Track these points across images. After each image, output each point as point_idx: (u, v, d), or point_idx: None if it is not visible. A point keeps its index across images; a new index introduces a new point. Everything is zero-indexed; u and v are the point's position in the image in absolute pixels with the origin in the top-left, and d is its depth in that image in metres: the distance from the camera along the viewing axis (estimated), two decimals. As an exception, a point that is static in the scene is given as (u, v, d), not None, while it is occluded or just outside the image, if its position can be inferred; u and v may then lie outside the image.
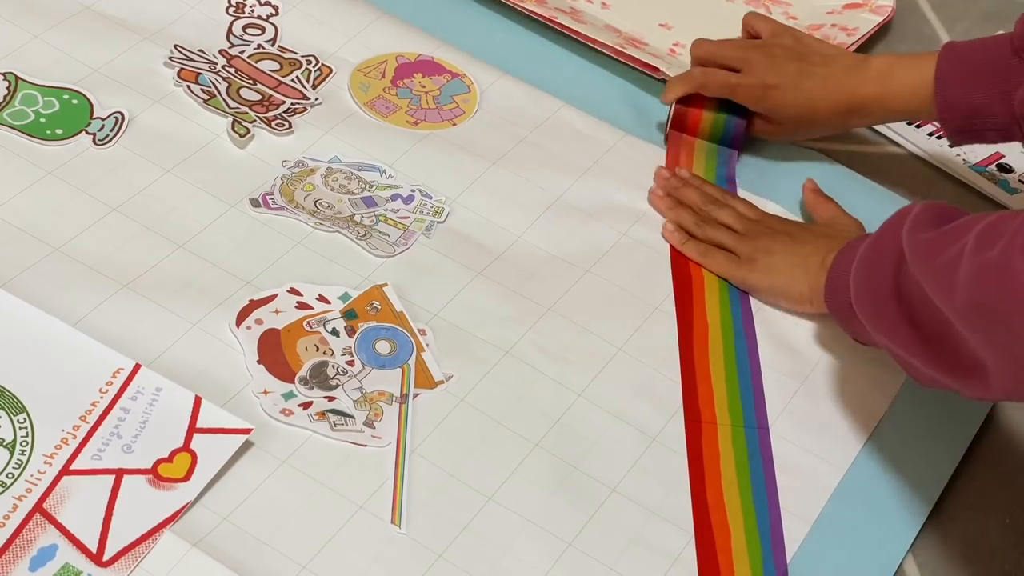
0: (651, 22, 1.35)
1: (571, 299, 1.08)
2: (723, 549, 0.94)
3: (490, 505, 0.94)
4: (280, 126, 1.15)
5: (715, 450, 1.00)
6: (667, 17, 1.36)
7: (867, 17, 1.36)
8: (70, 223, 1.05)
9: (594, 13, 1.34)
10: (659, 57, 1.29)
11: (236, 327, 1.00)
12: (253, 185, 1.11)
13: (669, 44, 1.33)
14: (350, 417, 0.96)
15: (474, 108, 1.20)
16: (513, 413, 0.99)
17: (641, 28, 1.34)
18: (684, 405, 1.02)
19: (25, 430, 0.91)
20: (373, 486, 0.93)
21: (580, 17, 1.32)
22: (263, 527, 0.90)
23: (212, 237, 1.06)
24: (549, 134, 1.20)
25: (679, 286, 1.10)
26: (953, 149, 1.27)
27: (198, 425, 0.93)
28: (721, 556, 0.94)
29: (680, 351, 1.06)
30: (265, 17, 1.24)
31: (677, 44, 1.33)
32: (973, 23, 1.42)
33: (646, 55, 1.28)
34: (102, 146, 1.11)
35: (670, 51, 1.32)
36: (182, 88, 1.16)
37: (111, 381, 0.94)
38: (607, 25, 1.33)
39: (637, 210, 1.16)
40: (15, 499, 0.88)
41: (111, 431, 0.92)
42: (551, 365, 1.03)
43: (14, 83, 1.13)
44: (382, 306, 1.03)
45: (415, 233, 1.10)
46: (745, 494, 0.97)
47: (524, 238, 1.11)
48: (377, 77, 1.21)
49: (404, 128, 1.17)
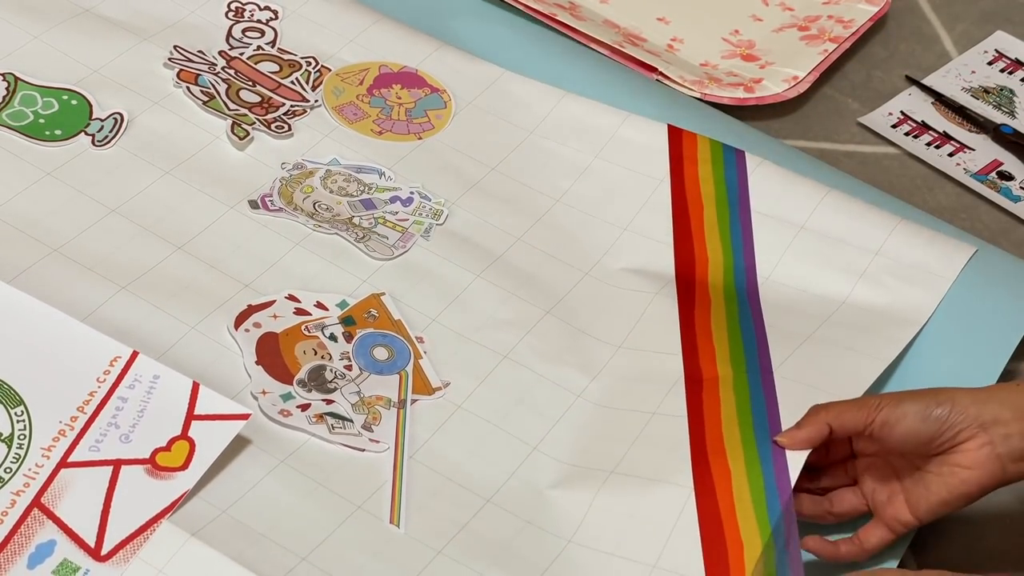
0: (649, 16, 1.35)
1: (570, 301, 1.07)
2: (723, 492, 0.92)
3: (488, 507, 0.94)
4: (279, 128, 1.15)
5: (716, 400, 0.98)
6: (665, 11, 1.36)
7: (863, 8, 1.36)
8: (69, 224, 1.05)
9: (593, 8, 1.35)
10: (657, 55, 1.29)
11: (235, 329, 1.00)
12: (252, 187, 1.10)
13: (667, 39, 1.33)
14: (348, 421, 0.96)
15: (445, 124, 1.19)
16: (511, 416, 0.99)
17: (639, 23, 1.34)
18: (684, 367, 1.01)
19: (23, 423, 0.91)
20: (371, 488, 0.93)
21: (579, 13, 1.32)
22: (262, 520, 0.90)
23: (211, 239, 1.06)
24: (550, 132, 1.19)
25: (681, 272, 1.09)
26: (952, 157, 1.27)
27: (196, 412, 0.92)
28: (722, 499, 0.92)
29: (680, 323, 1.04)
30: (265, 21, 1.24)
31: (675, 39, 1.33)
32: (973, 23, 1.42)
33: (644, 53, 1.28)
34: (101, 147, 1.11)
35: (668, 47, 1.32)
36: (181, 89, 1.16)
37: (108, 370, 0.94)
38: (606, 20, 1.33)
39: (639, 200, 1.14)
40: (13, 494, 0.87)
41: (109, 421, 0.91)
42: (550, 368, 1.02)
43: (13, 83, 1.13)
44: (380, 314, 1.03)
45: (414, 235, 1.10)
46: (746, 432, 0.95)
47: (524, 240, 1.11)
48: (354, 84, 1.20)
49: (367, 137, 1.16)
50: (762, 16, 1.38)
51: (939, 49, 1.39)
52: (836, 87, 1.33)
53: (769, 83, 1.28)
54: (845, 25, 1.34)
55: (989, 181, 1.26)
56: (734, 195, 1.15)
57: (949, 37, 1.40)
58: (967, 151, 1.29)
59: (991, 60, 1.38)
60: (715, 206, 1.14)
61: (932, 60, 1.37)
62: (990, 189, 1.25)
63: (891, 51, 1.37)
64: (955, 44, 1.40)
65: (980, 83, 1.36)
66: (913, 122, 1.31)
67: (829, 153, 1.26)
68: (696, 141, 1.18)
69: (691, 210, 1.14)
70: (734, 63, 1.32)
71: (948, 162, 1.27)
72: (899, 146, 1.28)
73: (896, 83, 1.34)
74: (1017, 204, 1.24)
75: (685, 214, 1.14)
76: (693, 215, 1.14)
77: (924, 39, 1.39)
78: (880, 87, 1.33)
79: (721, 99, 1.26)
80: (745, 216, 1.13)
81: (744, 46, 1.34)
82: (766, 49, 1.33)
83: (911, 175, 1.26)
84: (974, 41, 1.40)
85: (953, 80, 1.35)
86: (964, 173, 1.26)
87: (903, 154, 1.28)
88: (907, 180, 1.25)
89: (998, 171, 1.27)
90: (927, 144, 1.28)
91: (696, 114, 1.23)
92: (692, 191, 1.15)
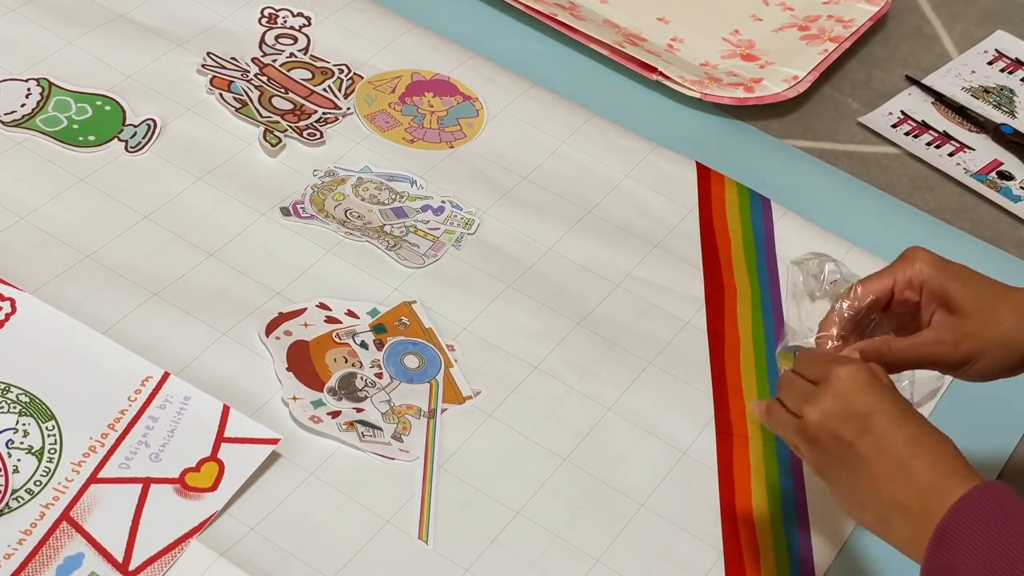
0: (649, 16, 1.35)
1: (601, 313, 1.07)
2: (752, 570, 0.93)
3: (518, 520, 0.94)
4: (311, 136, 1.15)
5: (746, 465, 0.99)
6: (665, 11, 1.36)
7: (863, 8, 1.36)
8: (101, 230, 1.05)
9: (593, 8, 1.34)
10: (657, 55, 1.29)
11: (266, 337, 1.00)
12: (284, 194, 1.11)
13: (667, 39, 1.33)
14: (378, 429, 0.96)
15: (477, 132, 1.19)
16: (542, 428, 0.99)
17: (639, 23, 1.34)
18: (715, 417, 1.02)
19: (53, 437, 0.91)
20: (400, 500, 0.93)
21: (579, 13, 1.32)
22: (290, 538, 0.90)
23: (242, 246, 1.06)
24: (581, 146, 1.20)
25: (711, 298, 1.10)
26: (952, 157, 1.27)
27: (226, 435, 0.93)
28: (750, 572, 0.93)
29: (711, 364, 1.05)
30: (298, 28, 1.24)
31: (675, 39, 1.33)
32: (973, 23, 1.41)
33: (644, 53, 1.28)
34: (134, 153, 1.11)
35: (668, 47, 1.32)
36: (214, 96, 1.16)
37: (140, 389, 0.94)
38: (606, 20, 1.33)
39: (668, 223, 1.15)
40: (42, 507, 0.88)
41: (139, 439, 0.92)
42: (580, 380, 1.02)
43: (48, 89, 1.14)
44: (411, 322, 1.03)
45: (445, 245, 1.09)
46: (775, 512, 0.97)
47: (555, 250, 1.11)
48: (387, 91, 1.20)
49: (399, 145, 1.16)
50: (762, 16, 1.37)
51: (939, 49, 1.38)
52: (836, 87, 1.32)
53: (769, 83, 1.27)
54: (845, 25, 1.34)
55: (989, 181, 1.25)
56: (760, 238, 1.16)
57: (949, 37, 1.39)
58: (967, 151, 1.28)
59: (991, 60, 1.38)
60: (742, 245, 1.15)
61: (932, 60, 1.37)
62: (990, 189, 1.24)
63: (891, 51, 1.37)
64: (955, 44, 1.39)
65: (980, 83, 1.35)
66: (913, 122, 1.30)
67: (829, 153, 1.25)
68: (724, 183, 1.19)
69: (719, 244, 1.15)
70: (734, 63, 1.31)
71: (948, 162, 1.26)
72: (899, 146, 1.27)
73: (896, 83, 1.34)
74: (1017, 204, 1.23)
75: (713, 246, 1.14)
76: (721, 249, 1.14)
77: (924, 39, 1.39)
78: (880, 87, 1.33)
79: (721, 99, 1.25)
80: (771, 260, 1.14)
81: (744, 46, 1.34)
82: (766, 49, 1.33)
83: (911, 175, 1.25)
84: (974, 41, 1.39)
85: (953, 80, 1.35)
86: (964, 173, 1.26)
87: (903, 154, 1.27)
88: (907, 180, 1.25)
89: (998, 171, 1.26)
90: (927, 144, 1.28)
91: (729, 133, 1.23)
92: (720, 227, 1.16)
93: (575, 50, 1.29)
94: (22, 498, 0.88)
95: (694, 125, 1.25)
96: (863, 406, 0.82)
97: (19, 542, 0.86)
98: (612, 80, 1.28)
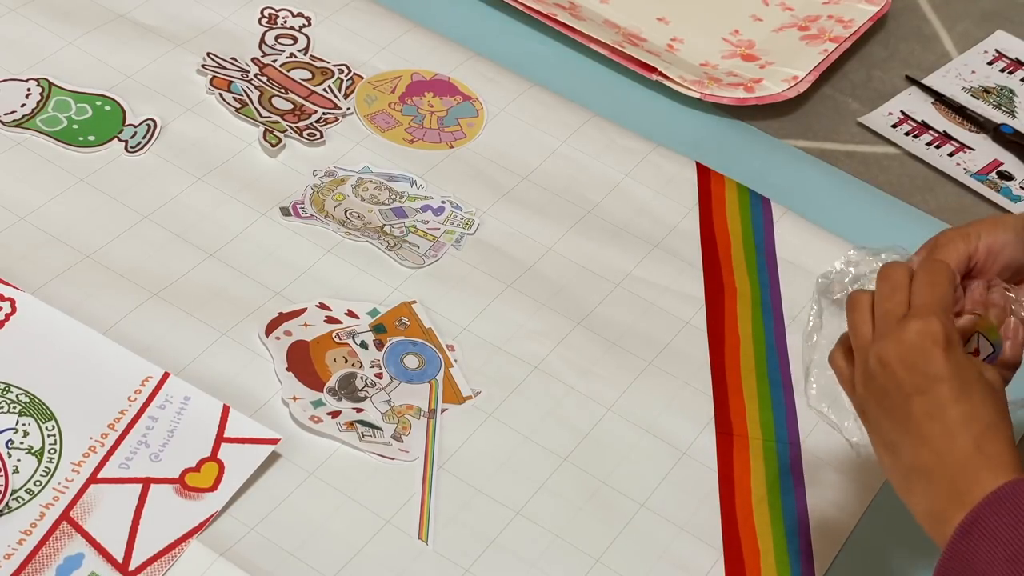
0: (649, 16, 1.35)
1: (601, 313, 1.07)
2: (752, 570, 0.93)
3: (518, 520, 0.94)
4: (311, 136, 1.15)
5: (746, 465, 0.99)
6: (665, 11, 1.36)
7: (863, 8, 1.36)
8: (101, 230, 1.05)
9: (593, 8, 1.34)
10: (657, 55, 1.29)
11: (265, 337, 1.00)
12: (283, 194, 1.11)
13: (667, 39, 1.33)
14: (378, 429, 0.96)
15: (477, 132, 1.19)
16: (542, 428, 0.99)
17: (639, 23, 1.34)
18: (715, 418, 1.02)
19: (53, 437, 0.91)
20: (400, 500, 0.93)
21: (579, 13, 1.32)
22: (290, 539, 0.90)
23: (242, 246, 1.06)
24: (581, 146, 1.20)
25: (711, 298, 1.10)
26: (952, 157, 1.27)
27: (226, 435, 0.93)
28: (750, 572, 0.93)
29: (711, 364, 1.05)
30: (298, 28, 1.24)
31: (675, 39, 1.33)
32: (973, 23, 1.41)
33: (644, 53, 1.28)
34: (134, 153, 1.11)
35: (668, 47, 1.32)
36: (214, 96, 1.16)
37: (140, 389, 0.94)
38: (606, 20, 1.33)
39: (668, 223, 1.15)
40: (42, 507, 0.88)
41: (139, 440, 0.92)
42: (580, 379, 1.02)
43: (47, 89, 1.14)
44: (410, 322, 1.03)
45: (445, 245, 1.09)
46: (775, 512, 0.97)
47: (555, 250, 1.11)
48: (387, 91, 1.20)
49: (399, 145, 1.16)
50: (762, 16, 1.37)
51: (939, 49, 1.38)
52: (836, 87, 1.32)
53: (769, 83, 1.27)
54: (845, 25, 1.34)
55: (989, 181, 1.25)
56: (760, 238, 1.16)
57: (949, 37, 1.39)
58: (967, 151, 1.28)
59: (991, 60, 1.38)
60: (742, 245, 1.15)
61: (932, 60, 1.37)
62: (990, 189, 1.24)
63: (891, 51, 1.37)
64: (955, 44, 1.39)
65: (980, 83, 1.35)
66: (913, 122, 1.30)
67: (829, 153, 1.25)
68: (724, 183, 1.19)
69: (719, 243, 1.15)
70: (734, 63, 1.31)
71: (948, 162, 1.26)
72: (899, 146, 1.28)
73: (896, 83, 1.34)
74: (1017, 204, 1.23)
75: (713, 245, 1.14)
76: (721, 248, 1.14)
77: (924, 39, 1.39)
78: (880, 87, 1.33)
79: (721, 99, 1.25)
80: (771, 260, 1.14)
81: (744, 46, 1.34)
82: (766, 49, 1.33)
83: (911, 175, 1.25)
84: (974, 41, 1.39)
85: (953, 80, 1.35)
86: (964, 173, 1.26)
87: (903, 154, 1.27)
88: (907, 180, 1.25)
89: (998, 171, 1.26)
90: (927, 144, 1.28)
91: (729, 135, 1.23)
92: (720, 227, 1.16)
93: (575, 50, 1.30)
94: (22, 498, 0.88)
95: (694, 125, 1.25)
96: (934, 368, 0.79)
97: (19, 542, 0.86)
98: (612, 80, 1.28)
